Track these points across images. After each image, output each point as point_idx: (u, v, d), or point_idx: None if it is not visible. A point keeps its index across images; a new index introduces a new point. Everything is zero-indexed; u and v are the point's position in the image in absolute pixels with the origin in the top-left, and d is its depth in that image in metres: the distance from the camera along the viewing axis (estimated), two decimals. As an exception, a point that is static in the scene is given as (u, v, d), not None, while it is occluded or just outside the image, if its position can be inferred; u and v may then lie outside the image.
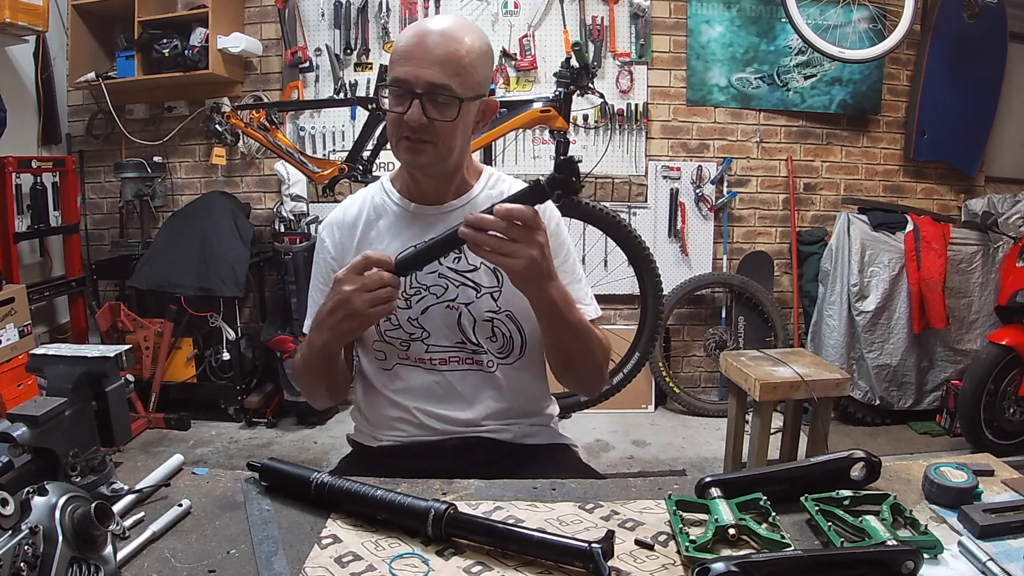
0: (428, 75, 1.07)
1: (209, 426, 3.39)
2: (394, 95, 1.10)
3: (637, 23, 3.52)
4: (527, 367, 1.25)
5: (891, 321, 3.33)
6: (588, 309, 1.24)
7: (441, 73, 1.07)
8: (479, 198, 1.23)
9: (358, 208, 1.27)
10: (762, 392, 2.33)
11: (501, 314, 1.20)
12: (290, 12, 3.53)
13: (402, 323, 1.20)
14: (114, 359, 0.95)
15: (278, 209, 3.51)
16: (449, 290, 1.20)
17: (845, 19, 3.39)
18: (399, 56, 1.10)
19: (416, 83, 1.07)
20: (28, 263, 3.36)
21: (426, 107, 1.08)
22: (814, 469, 0.94)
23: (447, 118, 1.09)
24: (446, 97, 1.08)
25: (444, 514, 0.83)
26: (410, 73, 1.07)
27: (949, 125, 3.58)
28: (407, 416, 1.23)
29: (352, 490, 0.90)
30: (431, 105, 1.08)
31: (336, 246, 1.26)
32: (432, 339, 1.21)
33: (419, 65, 1.07)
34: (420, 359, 1.22)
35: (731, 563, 0.71)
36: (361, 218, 1.25)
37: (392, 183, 1.27)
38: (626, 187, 3.62)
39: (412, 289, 1.20)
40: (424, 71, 1.07)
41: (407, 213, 1.23)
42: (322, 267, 1.28)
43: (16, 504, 0.68)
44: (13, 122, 3.05)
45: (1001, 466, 1.01)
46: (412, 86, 1.08)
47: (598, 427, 3.40)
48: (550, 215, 1.25)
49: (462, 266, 1.20)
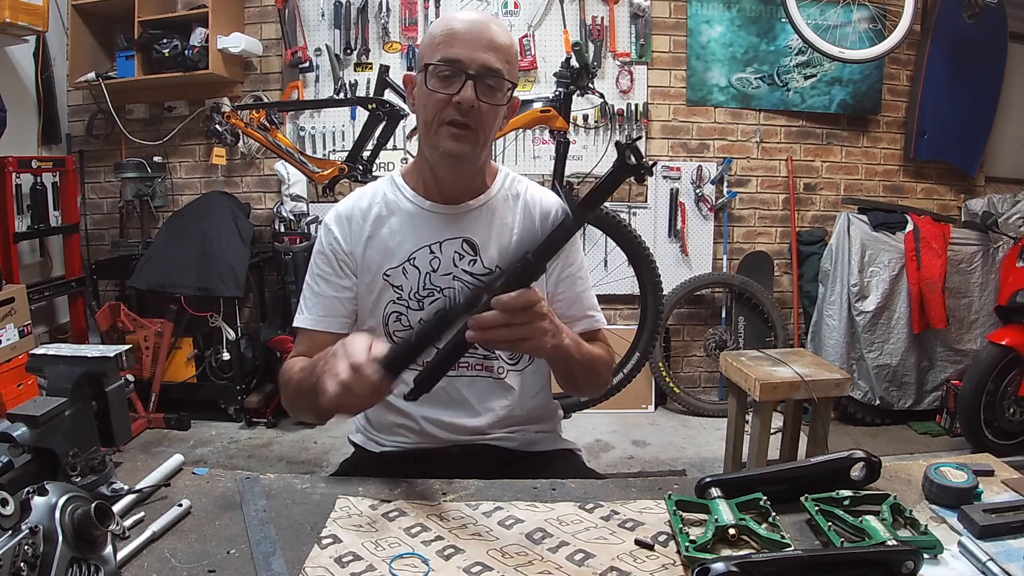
0: (483, 58, 1.07)
1: (209, 426, 3.39)
2: (441, 76, 1.08)
3: (637, 23, 3.52)
4: (535, 372, 1.25)
5: (891, 321, 3.33)
6: (597, 316, 1.26)
7: (495, 57, 1.08)
8: (496, 198, 1.22)
9: (368, 202, 1.23)
10: (762, 392, 2.33)
11: None
12: (290, 12, 3.53)
13: (413, 325, 1.18)
14: (114, 359, 0.95)
15: (278, 209, 3.51)
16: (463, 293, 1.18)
17: (845, 19, 3.39)
18: (445, 38, 1.08)
19: (470, 64, 1.06)
20: (28, 263, 3.36)
21: (478, 89, 1.07)
22: (814, 469, 0.94)
23: (498, 102, 1.09)
24: (496, 81, 1.08)
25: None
26: (463, 54, 1.06)
27: (949, 125, 3.58)
28: (410, 423, 1.22)
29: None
30: (481, 89, 1.07)
31: (346, 238, 1.21)
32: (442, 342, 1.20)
33: (472, 48, 1.07)
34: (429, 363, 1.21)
35: (731, 563, 0.71)
36: (371, 213, 1.22)
37: (404, 179, 1.24)
38: (626, 187, 3.62)
39: (425, 291, 1.18)
40: (478, 54, 1.07)
41: (422, 211, 1.20)
42: (327, 257, 1.22)
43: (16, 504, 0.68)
44: (13, 122, 3.05)
45: (1001, 466, 1.01)
46: (465, 66, 1.06)
47: (598, 427, 3.40)
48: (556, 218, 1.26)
49: (477, 269, 1.18)
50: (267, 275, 3.72)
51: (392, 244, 1.19)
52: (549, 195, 1.28)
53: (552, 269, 1.24)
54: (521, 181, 1.28)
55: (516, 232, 1.22)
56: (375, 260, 1.20)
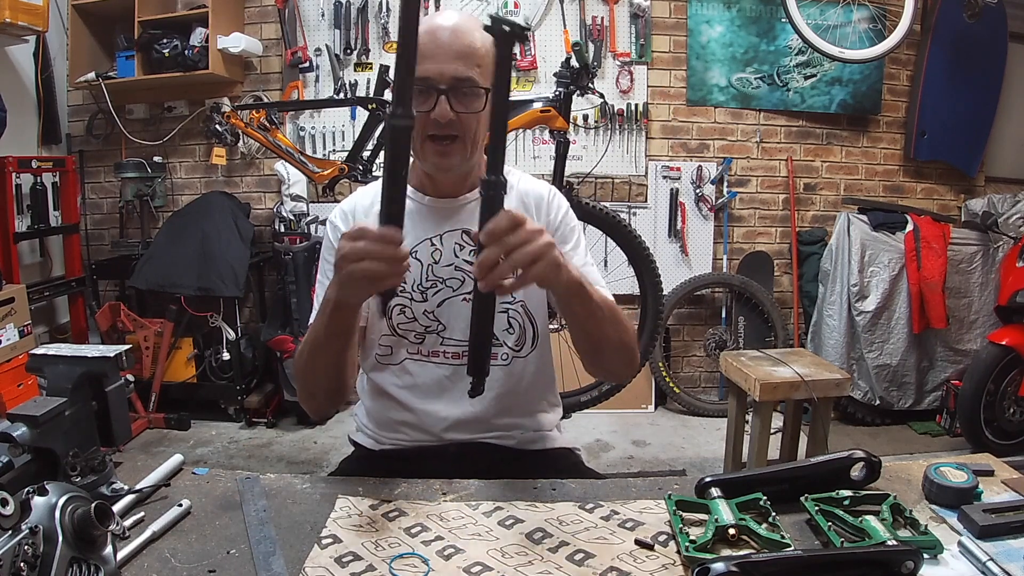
0: (451, 70, 1.07)
1: (209, 426, 3.39)
2: (417, 93, 1.08)
3: (637, 23, 3.52)
4: (538, 359, 1.26)
5: (891, 321, 3.33)
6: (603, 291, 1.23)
7: (463, 66, 1.08)
8: None
9: (370, 199, 1.25)
10: (762, 392, 2.33)
11: (516, 305, 1.20)
12: (290, 12, 3.53)
13: (417, 316, 1.19)
14: (114, 359, 0.95)
15: (278, 209, 3.51)
16: (466, 283, 1.19)
17: (845, 19, 3.39)
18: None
19: (440, 79, 1.07)
20: (28, 263, 3.36)
21: (452, 102, 1.08)
22: (814, 469, 0.94)
23: (474, 109, 1.10)
24: (470, 88, 1.09)
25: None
26: (431, 70, 1.07)
27: (949, 125, 3.58)
28: (410, 419, 1.22)
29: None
30: (456, 99, 1.08)
31: None
32: (448, 332, 1.20)
33: (439, 61, 1.07)
34: (434, 352, 1.21)
35: (731, 563, 0.71)
36: (374, 209, 1.21)
37: None
38: (626, 187, 3.62)
39: (428, 282, 1.19)
40: (446, 66, 1.07)
41: (422, 206, 1.22)
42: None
43: (16, 504, 0.68)
44: (13, 122, 3.05)
45: (1001, 466, 1.01)
46: (436, 83, 1.07)
47: (598, 427, 3.40)
48: (557, 204, 1.26)
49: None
50: (267, 275, 3.72)
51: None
52: (541, 184, 1.30)
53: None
54: (514, 173, 1.28)
55: None
56: None
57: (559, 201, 1.27)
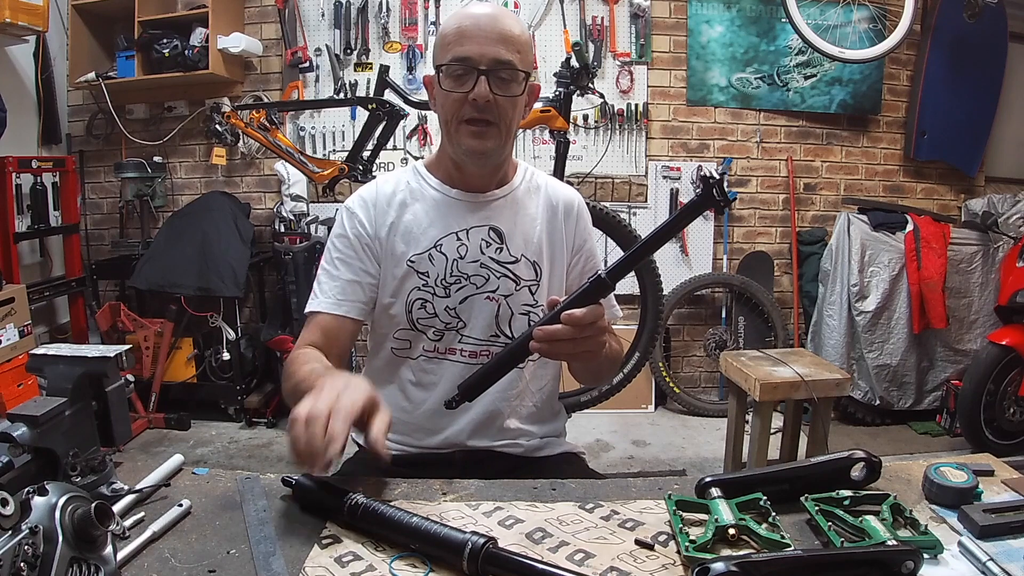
0: (492, 52, 1.07)
1: (209, 426, 3.39)
2: (454, 76, 1.09)
3: (637, 23, 3.52)
4: (550, 364, 1.26)
5: (891, 321, 3.33)
6: (615, 310, 1.28)
7: (504, 50, 1.08)
8: (519, 190, 1.24)
9: (392, 188, 1.23)
10: (762, 392, 2.33)
11: (537, 308, 1.20)
12: (290, 12, 3.53)
13: (438, 312, 1.18)
14: (114, 359, 0.95)
15: (278, 209, 3.51)
16: (490, 281, 1.18)
17: (845, 19, 3.39)
18: (454, 37, 1.09)
19: (480, 60, 1.07)
20: (28, 263, 3.36)
21: (491, 84, 1.08)
22: (814, 469, 0.94)
23: (512, 93, 1.10)
24: (509, 72, 1.09)
25: (482, 549, 0.78)
26: (473, 51, 1.07)
27: (949, 125, 3.58)
28: (416, 421, 1.21)
29: (387, 515, 0.85)
30: (495, 82, 1.08)
31: (371, 222, 1.20)
32: (467, 330, 1.19)
33: (481, 43, 1.07)
34: (451, 349, 1.19)
35: (731, 563, 0.71)
36: (396, 198, 1.21)
37: (428, 170, 1.24)
38: (626, 187, 3.62)
39: (452, 277, 1.18)
40: (488, 48, 1.07)
41: (447, 199, 1.21)
42: (350, 240, 1.20)
43: (16, 504, 0.68)
44: (13, 122, 3.05)
45: (1001, 466, 1.01)
46: (476, 63, 1.07)
47: (598, 427, 3.40)
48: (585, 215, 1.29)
49: (504, 257, 1.18)
50: (267, 275, 3.72)
51: (416, 230, 1.19)
52: (570, 191, 1.31)
53: (575, 262, 1.27)
54: (540, 175, 1.30)
55: (539, 224, 1.23)
56: (399, 246, 1.19)
57: (586, 212, 1.29)
